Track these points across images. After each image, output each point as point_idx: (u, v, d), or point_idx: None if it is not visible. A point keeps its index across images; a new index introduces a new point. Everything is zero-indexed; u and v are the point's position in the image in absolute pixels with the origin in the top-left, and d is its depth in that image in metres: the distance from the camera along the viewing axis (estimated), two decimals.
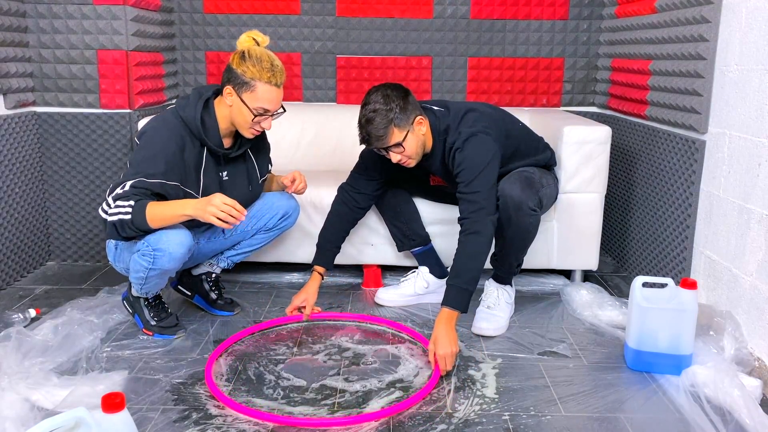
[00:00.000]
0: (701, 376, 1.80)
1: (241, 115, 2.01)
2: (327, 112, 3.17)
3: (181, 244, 1.93)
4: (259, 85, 1.96)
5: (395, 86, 2.08)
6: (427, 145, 2.16)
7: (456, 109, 2.18)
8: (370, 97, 2.05)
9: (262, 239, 2.35)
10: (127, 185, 1.89)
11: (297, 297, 2.24)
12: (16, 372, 1.79)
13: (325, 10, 3.21)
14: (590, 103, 3.36)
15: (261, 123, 2.03)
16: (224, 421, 1.67)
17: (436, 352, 1.90)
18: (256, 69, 1.96)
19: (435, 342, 1.92)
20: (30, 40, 2.72)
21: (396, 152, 2.08)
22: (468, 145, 2.08)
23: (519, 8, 3.22)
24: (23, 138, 2.70)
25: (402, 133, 2.05)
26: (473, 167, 2.05)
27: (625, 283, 2.74)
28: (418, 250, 2.53)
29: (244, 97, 1.98)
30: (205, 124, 2.03)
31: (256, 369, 1.96)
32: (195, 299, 2.36)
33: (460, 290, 1.98)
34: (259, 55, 1.98)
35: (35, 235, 2.82)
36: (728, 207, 2.09)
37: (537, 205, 2.18)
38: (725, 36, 2.13)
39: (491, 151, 2.08)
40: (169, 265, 1.96)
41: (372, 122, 2.02)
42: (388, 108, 2.01)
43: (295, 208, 2.35)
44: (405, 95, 2.07)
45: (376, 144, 2.06)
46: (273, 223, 2.31)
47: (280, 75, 2.00)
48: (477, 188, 2.03)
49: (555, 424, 1.68)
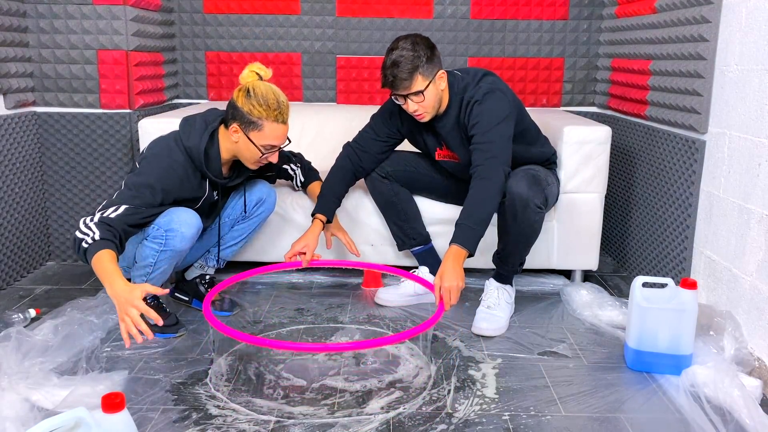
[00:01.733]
0: (701, 376, 1.80)
1: (248, 152, 2.02)
2: (327, 112, 3.17)
3: (192, 225, 1.96)
4: (266, 125, 1.96)
5: (424, 37, 2.11)
6: (443, 102, 2.18)
7: (475, 71, 2.23)
8: (399, 43, 2.07)
9: (243, 229, 2.36)
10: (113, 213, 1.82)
11: (297, 243, 2.24)
12: (16, 372, 1.79)
13: (325, 10, 3.21)
14: (590, 103, 3.36)
15: (268, 158, 2.04)
16: (224, 421, 1.67)
17: (441, 285, 1.90)
18: (263, 109, 1.95)
19: (441, 276, 1.91)
20: (30, 40, 2.72)
21: (415, 101, 2.10)
22: (487, 99, 2.11)
23: (519, 8, 3.22)
24: (23, 138, 2.70)
25: (425, 82, 2.07)
26: (491, 119, 2.08)
27: (625, 283, 2.74)
28: (419, 249, 2.53)
29: (252, 136, 1.98)
30: (209, 156, 2.03)
31: (256, 369, 1.96)
32: (194, 303, 2.37)
33: (470, 229, 1.98)
34: (264, 93, 1.96)
35: (35, 235, 2.82)
36: (728, 207, 2.09)
37: (543, 203, 2.19)
38: (725, 36, 2.13)
39: (508, 109, 2.12)
40: (180, 245, 1.97)
41: (398, 65, 2.04)
42: (416, 55, 2.04)
43: (269, 193, 2.35)
44: (432, 47, 2.10)
45: (399, 87, 2.07)
46: (249, 209, 2.32)
47: (287, 111, 2.00)
48: (492, 138, 2.06)
49: (555, 424, 1.68)
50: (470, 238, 1.98)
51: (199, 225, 1.98)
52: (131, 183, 1.92)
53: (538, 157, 2.38)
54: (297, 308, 2.43)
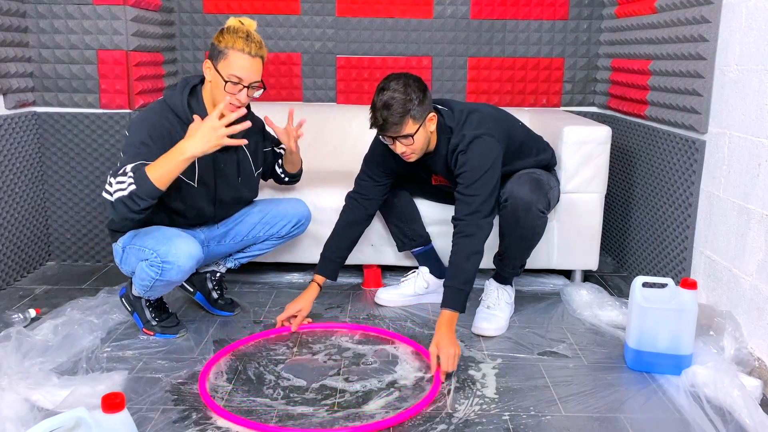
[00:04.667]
0: (701, 376, 1.80)
1: (217, 87, 1.98)
2: (327, 112, 3.17)
3: (191, 257, 1.93)
4: (231, 53, 1.95)
5: (416, 78, 2.07)
6: (431, 143, 2.16)
7: (459, 110, 2.18)
8: (390, 84, 2.02)
9: (272, 245, 2.37)
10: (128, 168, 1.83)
11: (292, 305, 2.24)
12: (16, 372, 1.79)
13: (325, 10, 3.21)
14: (590, 103, 3.36)
15: (236, 95, 1.97)
16: (224, 421, 1.67)
17: (439, 354, 1.91)
18: (231, 37, 1.95)
19: (438, 344, 1.92)
20: (30, 40, 2.72)
21: (404, 143, 2.07)
22: (471, 148, 2.08)
23: (519, 8, 3.22)
24: (23, 138, 2.70)
25: (415, 126, 2.04)
26: (475, 170, 2.05)
27: (625, 283, 2.74)
28: (419, 250, 2.53)
29: (219, 67, 1.96)
30: (192, 108, 2.01)
31: (256, 369, 1.96)
32: (196, 296, 2.36)
33: (458, 291, 1.99)
34: (236, 27, 1.98)
35: (35, 235, 2.82)
36: (728, 207, 2.09)
37: (546, 207, 2.19)
38: (725, 36, 2.13)
39: (494, 155, 2.08)
40: (177, 277, 1.96)
41: (389, 108, 2.00)
42: (408, 98, 2.00)
43: (307, 218, 2.38)
44: (424, 90, 2.06)
45: (390, 130, 2.04)
46: (286, 230, 2.34)
47: (256, 46, 1.97)
48: (476, 191, 2.04)
49: (555, 424, 1.68)
50: (460, 299, 2.00)
51: (198, 256, 1.95)
52: (125, 148, 1.92)
53: (537, 164, 2.37)
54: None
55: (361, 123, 2.46)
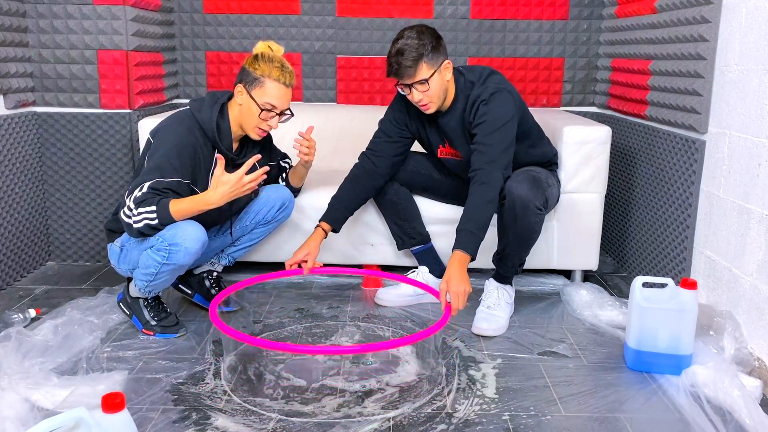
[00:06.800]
0: (701, 376, 1.80)
1: (249, 112, 2.05)
2: (327, 112, 3.17)
3: (197, 240, 1.95)
4: (267, 82, 2.03)
5: (429, 27, 2.12)
6: (448, 94, 2.19)
7: (481, 69, 2.23)
8: (404, 32, 2.08)
9: (261, 233, 2.40)
10: (145, 186, 1.91)
11: (299, 250, 2.23)
12: (16, 372, 1.79)
13: (325, 10, 3.21)
14: (590, 103, 3.36)
15: (267, 121, 2.06)
16: (224, 421, 1.67)
17: (448, 290, 1.90)
18: (267, 66, 2.03)
19: (448, 281, 1.92)
20: (30, 40, 2.72)
21: (420, 90, 2.10)
22: (494, 99, 2.12)
23: (519, 8, 3.22)
24: (23, 138, 2.70)
25: (430, 71, 2.07)
26: (495, 120, 2.09)
27: (625, 283, 2.74)
28: (418, 249, 2.53)
29: (254, 94, 2.03)
30: (220, 127, 2.07)
31: (256, 369, 1.96)
32: (195, 298, 2.36)
33: (471, 234, 1.99)
34: (271, 56, 2.06)
35: (35, 235, 2.82)
36: (728, 207, 2.09)
37: (543, 204, 2.19)
38: (725, 36, 2.13)
39: (512, 110, 2.13)
40: (184, 260, 1.97)
41: (403, 53, 2.04)
42: (421, 43, 2.05)
43: (290, 200, 2.40)
44: (438, 37, 2.11)
45: (404, 75, 2.07)
46: (271, 215, 2.36)
47: (290, 76, 2.06)
48: (494, 141, 2.08)
49: (555, 424, 1.68)
50: (472, 243, 2.00)
51: (204, 239, 1.98)
52: (150, 158, 1.98)
53: (539, 158, 2.39)
54: (297, 308, 2.43)
55: (361, 123, 2.47)
